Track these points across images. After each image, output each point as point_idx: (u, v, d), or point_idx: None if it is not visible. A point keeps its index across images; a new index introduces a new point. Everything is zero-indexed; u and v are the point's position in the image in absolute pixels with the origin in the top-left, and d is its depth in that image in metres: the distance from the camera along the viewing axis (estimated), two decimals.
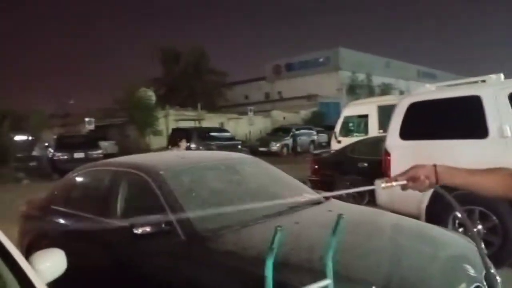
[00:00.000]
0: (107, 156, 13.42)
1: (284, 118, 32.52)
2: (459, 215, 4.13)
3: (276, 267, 2.14)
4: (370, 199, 6.15)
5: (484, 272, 2.25)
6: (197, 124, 24.73)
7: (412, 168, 1.37)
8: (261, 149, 20.48)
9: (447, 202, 4.32)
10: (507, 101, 3.87)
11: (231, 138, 19.57)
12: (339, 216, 1.67)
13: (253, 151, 17.91)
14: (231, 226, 2.57)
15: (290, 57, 44.60)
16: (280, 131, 23.15)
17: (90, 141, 16.71)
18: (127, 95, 21.96)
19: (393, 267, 2.09)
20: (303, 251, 2.22)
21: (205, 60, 37.17)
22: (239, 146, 17.89)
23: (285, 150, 21.16)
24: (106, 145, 19.86)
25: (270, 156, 19.09)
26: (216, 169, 3.41)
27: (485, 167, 4.04)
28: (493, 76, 4.27)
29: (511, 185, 1.31)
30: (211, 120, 26.71)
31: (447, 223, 4.14)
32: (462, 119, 4.22)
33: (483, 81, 4.32)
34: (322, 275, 1.73)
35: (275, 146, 20.93)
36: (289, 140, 21.74)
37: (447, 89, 4.63)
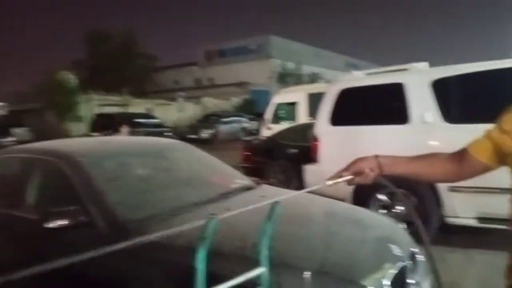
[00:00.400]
0: (21, 144, 12.26)
1: (215, 105, 32.25)
2: (380, 197, 4.34)
3: (207, 257, 2.03)
4: (299, 184, 6.26)
5: (408, 251, 2.35)
6: (122, 110, 23.59)
7: (355, 161, 1.36)
8: (191, 136, 20.09)
9: (369, 185, 4.47)
10: (428, 89, 4.09)
11: (159, 125, 18.96)
12: (275, 203, 1.58)
13: (183, 138, 17.48)
14: (159, 215, 2.40)
15: (222, 43, 44.13)
16: (211, 118, 22.90)
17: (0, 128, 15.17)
18: (45, 78, 20.27)
19: (326, 252, 2.08)
20: (235, 239, 2.13)
21: (134, 43, 35.42)
22: (168, 133, 17.38)
23: (215, 137, 20.99)
24: (20, 132, 18.17)
25: (200, 144, 18.73)
26: (143, 155, 3.18)
27: (407, 151, 4.21)
28: (416, 64, 4.49)
29: (450, 169, 1.36)
30: (138, 106, 25.62)
31: (370, 205, 4.32)
32: (387, 105, 4.40)
33: (406, 69, 4.52)
34: (255, 263, 1.65)
35: (205, 133, 20.66)
36: (219, 127, 21.59)
37: (374, 76, 4.80)
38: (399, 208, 4.28)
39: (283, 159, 7.44)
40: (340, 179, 1.34)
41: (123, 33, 34.34)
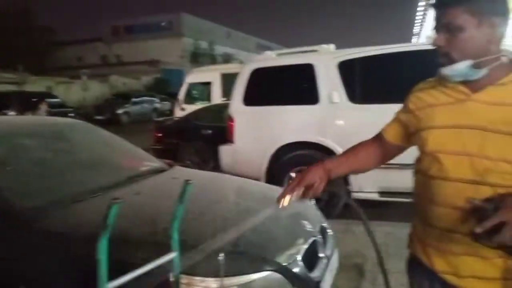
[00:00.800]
0: None
1: (124, 84, 30.62)
2: (293, 175, 4.47)
3: (115, 245, 1.89)
4: (214, 165, 6.23)
5: (319, 226, 2.44)
6: (18, 88, 21.25)
7: (304, 174, 1.31)
8: (98, 117, 18.86)
9: (282, 164, 4.54)
10: (336, 70, 4.27)
11: (61, 105, 17.46)
12: (186, 183, 1.50)
13: (89, 120, 16.34)
14: (59, 202, 2.16)
15: (130, 18, 41.80)
16: (119, 98, 21.67)
17: None
18: None
19: (239, 231, 2.06)
20: (145, 224, 2.01)
21: (31, 16, 31.73)
22: (71, 114, 16.08)
23: (125, 118, 19.96)
24: None
25: (108, 125, 17.74)
26: (39, 136, 2.85)
27: (316, 130, 4.37)
28: (324, 46, 4.65)
29: (376, 155, 1.41)
30: (36, 84, 23.26)
31: (284, 183, 4.44)
32: (298, 86, 4.51)
33: (316, 50, 4.66)
34: (168, 248, 1.57)
35: (113, 114, 19.54)
36: (129, 108, 20.56)
37: (285, 57, 4.88)
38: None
39: (198, 140, 7.33)
40: (293, 198, 1.28)
41: (16, 4, 30.70)
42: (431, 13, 1.15)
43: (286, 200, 1.30)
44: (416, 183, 1.26)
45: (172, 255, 1.52)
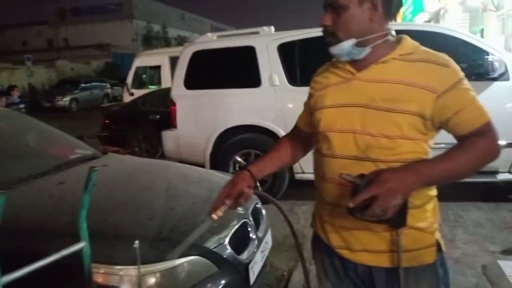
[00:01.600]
0: None
1: (72, 69, 29.34)
2: (238, 159, 4.47)
3: (31, 235, 1.81)
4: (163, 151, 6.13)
5: (251, 209, 2.44)
6: None
7: (232, 185, 1.27)
8: (45, 104, 17.96)
9: (227, 148, 4.52)
10: (276, 52, 4.26)
11: (4, 92, 16.42)
12: (91, 170, 1.43)
13: (35, 107, 15.55)
14: None
15: (76, 0, 39.82)
16: (67, 84, 20.71)
17: None
18: None
19: (165, 218, 2.03)
20: (64, 214, 1.92)
21: None
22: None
23: (74, 105, 19.13)
24: None
25: (56, 113, 16.96)
26: None
27: (259, 113, 4.36)
28: (265, 28, 4.62)
29: (299, 146, 1.42)
30: None
31: (229, 167, 4.43)
32: (240, 68, 4.47)
33: (257, 32, 4.63)
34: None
35: (61, 101, 18.67)
36: (78, 94, 19.70)
37: (227, 39, 4.80)
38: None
39: (146, 126, 7.16)
40: (223, 209, 1.25)
41: None
42: None
43: (218, 213, 1.26)
44: (314, 161, 1.28)
45: (81, 245, 1.46)
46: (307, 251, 3.19)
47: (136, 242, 1.60)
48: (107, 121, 7.96)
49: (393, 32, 1.18)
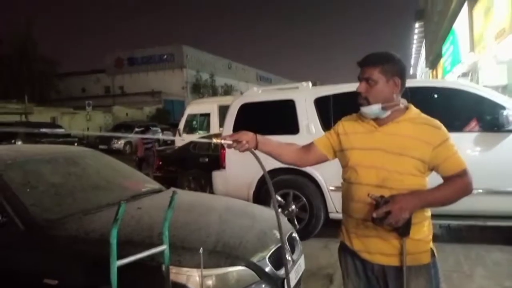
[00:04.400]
0: None
1: (127, 114, 31.42)
2: (278, 198, 4.98)
3: (120, 245, 2.40)
4: (210, 191, 6.71)
5: (287, 235, 2.94)
6: (23, 119, 21.95)
7: (239, 133, 1.80)
8: (101, 146, 19.40)
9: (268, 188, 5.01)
10: (313, 104, 4.87)
11: (66, 135, 18.08)
12: (174, 193, 2.04)
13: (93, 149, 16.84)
14: (72, 215, 2.69)
15: (132, 50, 43.08)
16: (122, 128, 22.33)
17: None
18: None
19: (219, 236, 2.58)
20: (144, 230, 2.53)
21: (33, 46, 31.78)
22: (76, 144, 16.65)
23: (128, 147, 20.53)
24: None
25: (112, 154, 18.17)
26: (54, 161, 3.40)
27: (298, 157, 4.85)
28: (304, 83, 5.27)
29: (298, 155, 1.92)
30: (41, 115, 24.01)
31: (270, 204, 4.93)
32: (281, 118, 5.08)
33: (297, 87, 5.28)
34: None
35: (117, 144, 20.12)
36: (132, 138, 21.13)
37: (270, 93, 5.50)
38: (293, 207, 4.96)
39: (195, 167, 7.80)
40: (222, 141, 1.78)
41: (18, 34, 30.44)
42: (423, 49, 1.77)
43: (216, 140, 1.83)
44: (343, 188, 1.76)
45: (163, 247, 2.04)
46: (336, 280, 3.60)
47: (201, 249, 2.16)
48: (160, 163, 8.76)
49: (404, 100, 1.70)
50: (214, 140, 1.83)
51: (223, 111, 10.95)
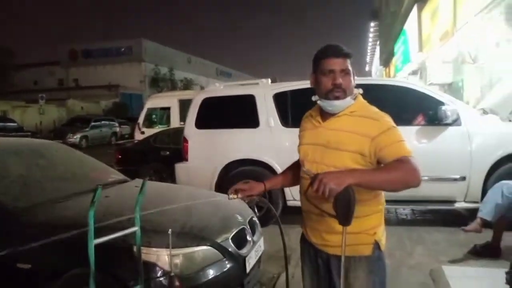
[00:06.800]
0: None
1: (82, 108, 30.48)
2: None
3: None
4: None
5: (248, 219, 3.19)
6: None
7: (250, 186, 1.88)
8: (57, 141, 18.78)
9: (230, 178, 5.29)
10: (272, 100, 5.15)
11: (18, 129, 17.41)
12: (145, 179, 2.24)
13: None
14: (42, 204, 2.81)
15: (88, 43, 41.67)
16: (77, 122, 21.73)
17: None
18: None
19: (186, 220, 2.79)
20: (114, 216, 2.68)
21: None
22: (28, 138, 16.01)
23: (84, 142, 20.03)
24: None
25: None
26: (21, 153, 3.47)
27: (257, 149, 5.24)
28: (263, 80, 5.54)
29: (295, 177, 1.92)
30: None
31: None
32: (242, 112, 5.34)
33: (257, 83, 5.55)
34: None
35: (72, 138, 19.56)
36: (88, 132, 20.67)
37: (232, 88, 5.74)
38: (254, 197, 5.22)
39: (156, 161, 7.84)
40: (234, 196, 1.87)
41: None
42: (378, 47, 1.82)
43: (234, 196, 1.87)
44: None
45: (135, 229, 2.23)
46: (293, 260, 3.88)
47: (170, 230, 2.36)
48: (120, 156, 8.72)
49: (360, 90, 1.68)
50: (232, 196, 1.90)
51: (183, 105, 11.04)
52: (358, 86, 1.66)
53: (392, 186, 1.47)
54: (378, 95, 4.94)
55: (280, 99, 5.12)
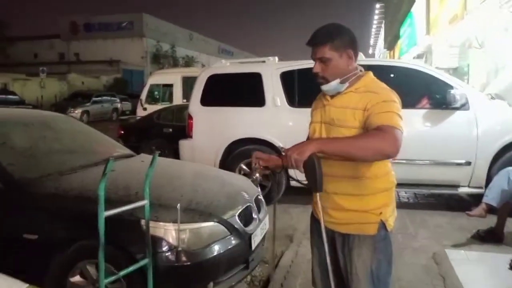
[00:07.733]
0: None
1: (83, 83, 30.26)
2: (243, 166, 5.23)
3: (95, 203, 2.54)
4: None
5: (254, 197, 3.19)
6: None
7: (269, 158, 1.91)
8: None
9: (234, 157, 5.30)
10: (279, 78, 5.09)
11: (20, 102, 17.32)
12: (155, 153, 2.22)
13: None
14: (49, 175, 2.80)
15: (89, 16, 40.96)
16: (79, 97, 21.62)
17: None
18: None
19: (192, 196, 2.78)
20: (121, 190, 2.68)
21: None
22: (37, 110, 15.96)
23: (85, 117, 19.97)
24: None
25: None
26: (30, 125, 3.45)
27: (263, 128, 5.23)
28: (270, 58, 5.46)
29: None
30: None
31: (235, 172, 5.18)
32: (248, 90, 5.28)
33: (264, 61, 5.47)
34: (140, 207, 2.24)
35: (73, 113, 19.47)
36: (89, 107, 20.58)
37: (238, 66, 5.67)
38: (257, 175, 5.22)
39: (159, 137, 7.83)
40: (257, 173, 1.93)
41: None
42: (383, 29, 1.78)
43: (256, 175, 1.94)
44: None
45: (144, 202, 2.22)
46: (296, 239, 3.92)
47: (178, 204, 2.36)
48: (122, 132, 8.71)
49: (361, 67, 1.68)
50: (257, 175, 1.95)
51: (186, 82, 10.95)
52: (368, 68, 1.64)
53: (360, 153, 1.41)
54: (385, 77, 4.95)
55: (287, 78, 5.06)
